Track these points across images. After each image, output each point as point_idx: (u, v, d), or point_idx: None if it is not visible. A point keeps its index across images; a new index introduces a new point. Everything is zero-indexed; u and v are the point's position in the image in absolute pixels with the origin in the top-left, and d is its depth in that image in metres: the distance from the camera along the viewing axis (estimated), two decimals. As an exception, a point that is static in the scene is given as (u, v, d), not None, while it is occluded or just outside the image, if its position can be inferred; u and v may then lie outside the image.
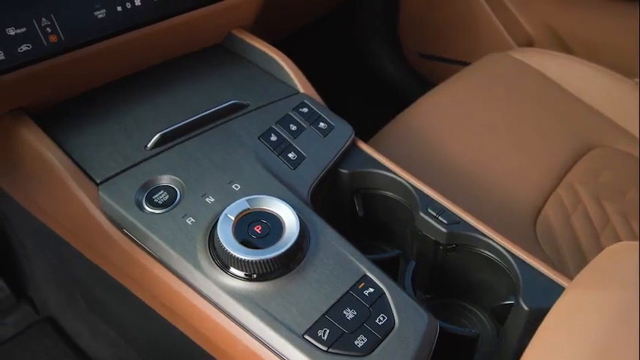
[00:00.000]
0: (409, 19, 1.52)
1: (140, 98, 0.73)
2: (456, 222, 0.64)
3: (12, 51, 0.61)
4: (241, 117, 0.70)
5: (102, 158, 0.65)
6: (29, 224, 0.85)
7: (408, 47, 1.56)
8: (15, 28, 0.61)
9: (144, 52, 0.74)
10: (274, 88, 0.76)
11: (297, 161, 0.66)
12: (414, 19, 1.52)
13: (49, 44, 0.64)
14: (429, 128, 0.96)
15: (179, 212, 0.59)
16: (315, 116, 0.72)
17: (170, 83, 0.75)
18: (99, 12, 0.66)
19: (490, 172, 0.91)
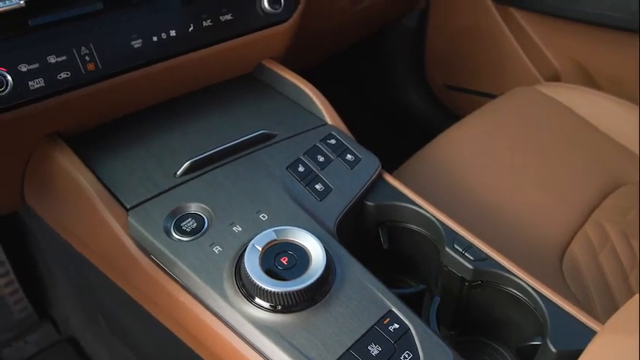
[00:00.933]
0: (435, 51, 1.53)
1: (171, 126, 0.74)
2: (482, 259, 0.64)
3: (52, 78, 0.63)
4: (270, 147, 0.71)
5: (132, 184, 0.66)
6: (56, 244, 0.86)
7: (433, 78, 1.57)
8: (56, 57, 0.63)
9: (176, 80, 0.76)
10: (303, 119, 0.77)
11: (324, 193, 0.66)
12: (440, 50, 1.53)
13: (87, 72, 0.66)
14: (455, 161, 0.96)
15: (206, 240, 0.60)
16: (343, 148, 0.72)
17: (201, 111, 0.76)
18: (135, 42, 0.68)
19: (516, 207, 0.90)
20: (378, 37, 1.53)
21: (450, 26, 1.48)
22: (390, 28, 1.52)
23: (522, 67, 1.38)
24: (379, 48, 1.58)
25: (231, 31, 0.75)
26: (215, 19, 0.73)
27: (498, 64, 1.42)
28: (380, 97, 1.67)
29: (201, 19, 0.72)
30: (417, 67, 1.57)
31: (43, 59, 0.63)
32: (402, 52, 1.57)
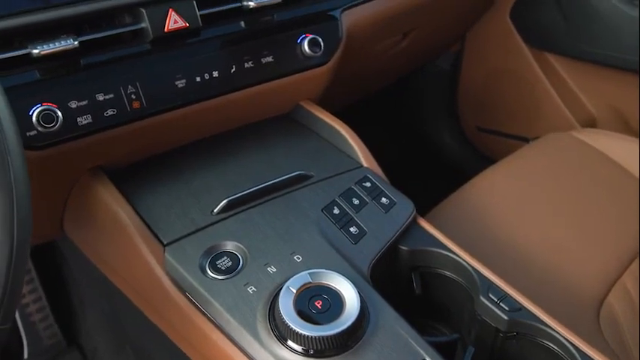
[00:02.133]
0: (468, 93, 1.54)
1: (209, 163, 0.76)
2: (517, 309, 0.63)
3: (99, 115, 0.66)
4: (305, 188, 0.72)
5: (170, 220, 0.67)
6: (90, 274, 0.87)
7: (465, 120, 1.57)
8: (104, 94, 0.66)
9: (216, 119, 0.78)
10: (338, 161, 0.77)
11: (358, 236, 0.66)
12: (473, 92, 1.53)
13: (132, 110, 0.68)
14: (489, 205, 0.95)
15: (241, 280, 0.60)
16: (378, 191, 0.72)
17: (238, 150, 0.78)
18: (179, 82, 0.70)
19: (551, 255, 0.89)
20: (411, 78, 1.55)
21: (484, 69, 1.49)
22: (423, 69, 1.53)
23: (557, 111, 1.37)
24: (412, 89, 1.59)
25: (272, 72, 0.77)
26: (257, 61, 0.75)
27: (532, 108, 1.42)
28: (412, 137, 1.68)
29: (243, 60, 0.74)
30: (449, 108, 1.57)
31: (91, 97, 0.65)
32: (434, 94, 1.58)
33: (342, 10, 0.83)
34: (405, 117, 1.68)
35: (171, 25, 0.69)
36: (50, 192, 0.72)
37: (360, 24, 0.87)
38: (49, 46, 0.62)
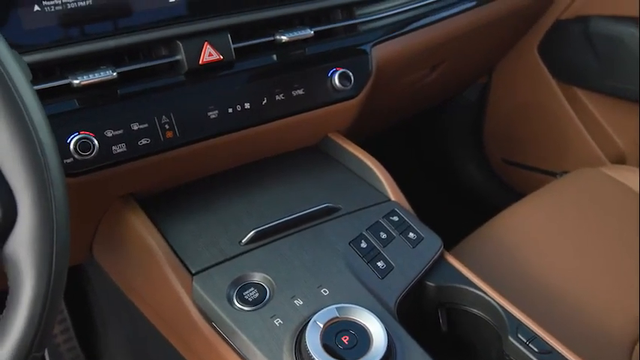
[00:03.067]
0: (494, 125, 1.54)
1: (238, 193, 0.76)
2: (547, 351, 0.62)
3: (133, 144, 0.67)
4: (333, 220, 0.72)
5: (199, 248, 0.68)
6: (115, 298, 0.88)
7: (492, 152, 1.56)
8: (139, 124, 0.67)
9: (246, 149, 0.79)
10: (366, 194, 0.78)
11: (385, 270, 0.66)
12: (500, 124, 1.53)
13: (165, 139, 0.69)
14: (518, 241, 0.94)
15: (268, 312, 0.60)
16: (405, 226, 0.72)
17: (267, 181, 0.79)
18: (212, 113, 0.72)
19: (581, 295, 0.87)
20: (437, 109, 1.55)
21: (511, 102, 1.49)
22: (449, 100, 1.54)
23: (586, 146, 1.36)
24: (438, 119, 1.60)
25: (302, 105, 0.78)
26: (288, 93, 0.76)
27: (560, 142, 1.41)
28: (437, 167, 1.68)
29: (275, 93, 0.75)
30: (475, 140, 1.57)
31: (127, 126, 0.67)
32: (460, 125, 1.58)
33: (373, 45, 0.84)
34: (430, 147, 1.68)
35: (206, 57, 0.71)
36: (83, 218, 0.73)
37: (390, 58, 0.88)
38: (88, 77, 0.64)
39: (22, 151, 0.39)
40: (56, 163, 0.42)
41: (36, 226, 0.40)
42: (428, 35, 0.94)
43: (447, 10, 0.97)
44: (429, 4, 0.93)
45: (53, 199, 0.41)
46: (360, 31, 0.84)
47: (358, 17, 0.84)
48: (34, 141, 0.40)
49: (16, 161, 0.39)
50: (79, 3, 0.65)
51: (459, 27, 1.00)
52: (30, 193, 0.40)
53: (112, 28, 0.67)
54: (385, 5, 0.88)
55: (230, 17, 0.73)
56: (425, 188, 1.66)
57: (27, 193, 0.40)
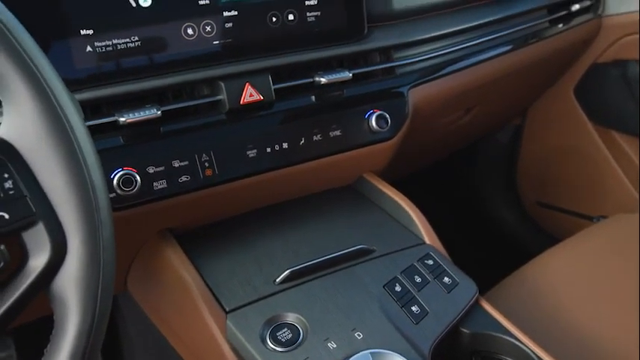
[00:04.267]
0: (528, 167, 1.52)
1: (273, 231, 0.77)
2: (586, 406, 0.60)
3: (173, 180, 0.69)
4: (367, 262, 0.72)
5: (233, 286, 0.68)
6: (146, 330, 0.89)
7: (525, 194, 1.54)
8: (180, 161, 0.69)
9: (282, 188, 0.80)
10: (401, 236, 0.77)
11: (420, 315, 0.66)
12: (534, 166, 1.51)
13: (205, 177, 0.71)
14: (554, 288, 0.92)
15: (301, 354, 0.60)
16: (440, 270, 0.72)
17: (301, 220, 0.79)
18: (251, 152, 0.73)
19: (619, 344, 0.84)
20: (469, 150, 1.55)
21: (546, 144, 1.47)
22: (482, 141, 1.53)
23: (623, 191, 1.34)
24: (470, 160, 1.59)
25: (339, 146, 0.79)
26: (325, 134, 0.77)
27: (597, 185, 1.39)
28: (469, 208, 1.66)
29: (313, 133, 0.76)
30: (508, 181, 1.56)
31: (168, 163, 0.68)
32: (493, 166, 1.57)
33: (410, 88, 0.85)
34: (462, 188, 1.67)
35: (247, 98, 0.72)
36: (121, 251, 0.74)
37: (426, 101, 0.88)
38: (134, 115, 0.66)
39: (75, 192, 0.41)
40: (106, 203, 0.43)
41: (84, 265, 0.41)
42: (464, 79, 0.95)
43: (482, 54, 0.97)
44: (465, 48, 0.94)
45: (101, 238, 0.42)
46: (397, 74, 0.85)
47: (396, 60, 0.85)
48: (87, 182, 0.41)
49: (70, 201, 0.41)
50: (128, 44, 0.67)
51: (495, 71, 1.01)
52: (80, 233, 0.41)
53: (158, 67, 0.69)
54: (422, 49, 0.89)
55: (271, 59, 0.75)
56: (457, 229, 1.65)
57: (77, 232, 0.41)
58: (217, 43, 0.71)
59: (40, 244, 0.41)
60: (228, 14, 0.71)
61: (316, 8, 0.76)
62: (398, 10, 0.86)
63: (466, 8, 0.96)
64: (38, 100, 0.40)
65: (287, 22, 0.75)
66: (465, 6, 0.95)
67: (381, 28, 0.84)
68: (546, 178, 1.50)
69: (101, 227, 0.42)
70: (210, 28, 0.71)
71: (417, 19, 0.89)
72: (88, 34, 0.65)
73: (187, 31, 0.69)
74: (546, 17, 1.09)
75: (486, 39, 0.97)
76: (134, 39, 0.67)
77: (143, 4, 0.67)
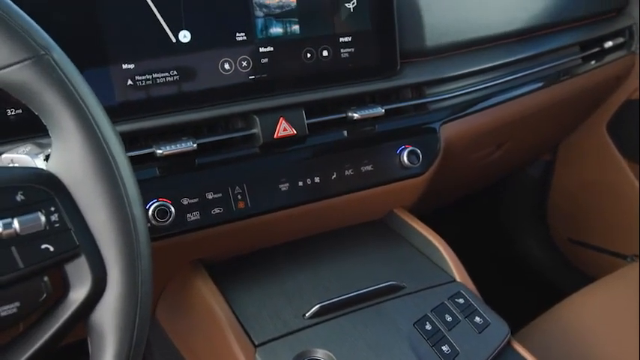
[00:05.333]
0: (559, 202, 1.50)
1: (303, 264, 0.77)
2: None
3: (206, 212, 0.70)
4: (397, 299, 0.71)
5: (262, 320, 0.68)
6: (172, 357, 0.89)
7: (556, 231, 1.52)
8: (213, 193, 0.70)
9: (313, 222, 0.80)
10: (431, 273, 0.77)
11: (450, 355, 0.65)
12: (565, 202, 1.49)
13: (237, 209, 0.71)
14: (587, 329, 0.90)
15: (329, 392, 0.59)
16: (472, 309, 0.71)
17: (331, 254, 0.79)
18: (283, 185, 0.74)
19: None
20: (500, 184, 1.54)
21: (578, 179, 1.45)
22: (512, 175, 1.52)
23: (659, 229, 1.31)
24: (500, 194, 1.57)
25: (370, 181, 0.79)
26: (357, 169, 0.78)
27: (630, 223, 1.36)
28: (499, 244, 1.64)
29: (344, 168, 0.77)
30: (539, 217, 1.54)
31: (202, 195, 0.69)
32: (524, 201, 1.55)
33: (442, 124, 0.86)
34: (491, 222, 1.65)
35: (281, 132, 0.73)
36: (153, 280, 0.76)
37: (458, 137, 0.88)
38: (171, 147, 0.67)
39: (117, 225, 0.42)
40: (145, 236, 0.44)
41: (122, 297, 0.42)
42: (495, 115, 0.95)
43: (514, 91, 0.97)
44: (497, 84, 0.95)
45: (140, 271, 0.43)
46: (429, 110, 0.86)
47: (428, 96, 0.86)
48: (129, 216, 0.42)
49: (111, 235, 0.42)
50: (167, 78, 0.69)
51: (527, 107, 1.01)
52: (120, 266, 0.42)
53: (195, 101, 0.71)
54: (454, 85, 0.89)
55: (305, 94, 0.76)
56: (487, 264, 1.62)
57: (117, 265, 0.42)
58: (253, 77, 0.73)
59: (82, 276, 0.42)
60: (264, 50, 0.73)
61: (350, 45, 0.78)
62: (430, 47, 0.86)
63: (498, 45, 0.96)
64: (86, 137, 0.41)
65: (321, 58, 0.76)
66: (497, 43, 0.96)
67: (413, 64, 0.85)
68: (578, 214, 1.47)
69: (140, 260, 0.43)
70: (247, 63, 0.72)
71: (449, 55, 0.89)
72: (129, 68, 0.67)
73: (224, 65, 0.71)
74: (579, 54, 1.09)
75: (518, 76, 0.97)
76: (173, 73, 0.69)
77: (183, 39, 0.69)
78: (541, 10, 1.01)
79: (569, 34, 1.07)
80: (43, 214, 0.41)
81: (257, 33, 0.72)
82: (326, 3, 0.75)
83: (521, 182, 1.53)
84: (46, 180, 0.42)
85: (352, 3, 0.77)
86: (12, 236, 0.39)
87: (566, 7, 1.05)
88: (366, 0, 0.77)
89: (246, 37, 0.71)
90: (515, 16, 0.97)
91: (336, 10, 0.76)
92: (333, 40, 0.76)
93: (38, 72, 0.40)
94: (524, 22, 0.98)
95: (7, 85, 0.41)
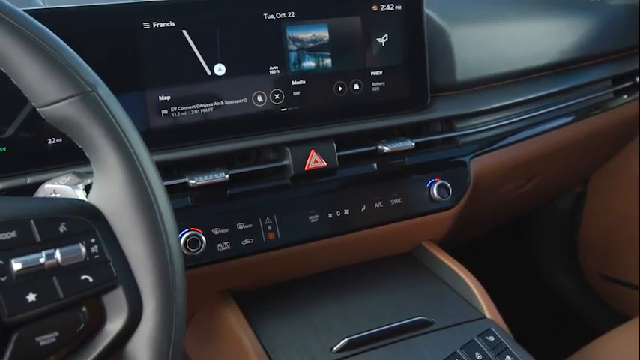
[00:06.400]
0: (591, 236, 1.47)
1: (330, 297, 0.77)
2: None
3: (237, 242, 0.70)
4: (426, 335, 0.71)
5: (290, 352, 0.68)
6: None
7: (587, 265, 1.48)
8: (244, 224, 0.71)
9: (342, 254, 0.80)
10: (460, 309, 0.76)
11: (481, 395, 0.64)
12: (597, 236, 1.46)
13: (267, 240, 0.72)
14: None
15: None
16: (502, 347, 0.70)
17: (360, 286, 0.79)
18: (313, 217, 0.74)
19: None
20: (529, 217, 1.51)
21: (609, 212, 1.42)
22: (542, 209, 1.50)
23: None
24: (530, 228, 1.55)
25: (400, 214, 0.79)
26: (386, 202, 0.78)
27: (666, 259, 1.32)
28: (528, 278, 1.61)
29: (374, 201, 0.77)
30: (569, 251, 1.51)
31: (233, 225, 0.70)
32: (553, 235, 1.52)
33: (472, 157, 0.85)
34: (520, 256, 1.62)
35: (312, 164, 0.74)
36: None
37: (488, 171, 0.88)
38: (204, 178, 0.69)
39: (154, 258, 0.43)
40: (181, 268, 0.45)
41: (157, 328, 0.42)
42: (526, 149, 0.95)
43: (544, 125, 0.97)
44: (527, 118, 0.94)
45: (175, 303, 0.43)
46: (459, 144, 0.86)
47: (458, 130, 0.86)
48: (165, 248, 0.43)
49: (148, 267, 0.42)
50: (201, 109, 0.71)
51: (557, 141, 1.00)
52: (156, 298, 0.43)
53: (228, 132, 0.72)
54: (484, 119, 0.89)
55: (336, 126, 0.77)
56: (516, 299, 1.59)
57: (154, 297, 0.43)
58: (285, 110, 0.74)
59: (119, 307, 0.42)
60: (296, 83, 0.74)
61: (381, 78, 0.79)
62: (461, 80, 0.87)
63: (529, 79, 0.96)
64: (127, 171, 0.42)
65: (352, 91, 0.77)
66: (528, 77, 0.96)
67: (443, 97, 0.85)
68: (609, 248, 1.44)
69: (175, 292, 0.43)
70: (279, 95, 0.73)
71: (479, 89, 0.90)
72: (166, 99, 0.68)
73: (257, 98, 0.73)
74: (610, 88, 1.08)
75: (549, 110, 0.97)
76: (207, 104, 0.70)
77: (217, 72, 0.71)
78: (572, 43, 1.01)
79: (601, 68, 1.06)
80: (84, 245, 0.42)
81: (290, 66, 0.73)
82: (358, 37, 0.76)
83: (550, 215, 1.50)
84: (88, 212, 0.43)
85: (384, 37, 0.78)
86: (54, 266, 0.40)
87: (598, 41, 1.04)
88: (398, 35, 0.79)
89: (279, 70, 0.73)
90: (546, 49, 0.97)
91: (367, 44, 0.77)
92: (364, 74, 0.77)
93: (85, 108, 0.42)
94: (555, 55, 0.98)
95: (54, 119, 0.43)
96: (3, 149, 0.62)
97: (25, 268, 0.39)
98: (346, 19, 0.75)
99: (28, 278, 0.39)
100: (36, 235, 0.40)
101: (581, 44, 1.02)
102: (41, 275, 0.40)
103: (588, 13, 1.06)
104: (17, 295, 0.39)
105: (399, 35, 0.78)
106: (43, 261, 0.40)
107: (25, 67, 0.41)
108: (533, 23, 0.98)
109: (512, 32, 0.95)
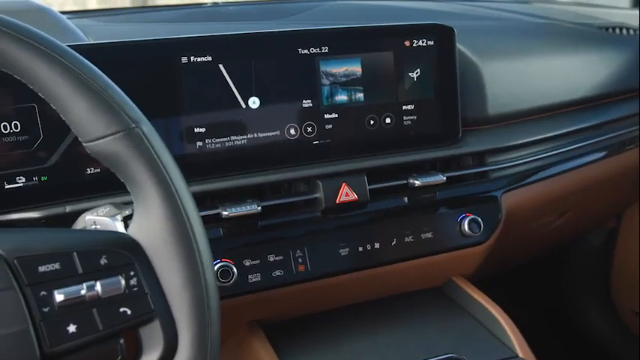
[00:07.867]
0: (624, 273, 1.43)
1: (360, 330, 0.77)
2: None
3: (267, 274, 0.71)
4: (458, 373, 0.70)
5: (318, 386, 0.68)
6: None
7: (621, 303, 1.44)
8: (275, 256, 0.71)
9: (372, 287, 0.80)
10: (491, 347, 0.75)
11: None
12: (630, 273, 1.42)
13: (297, 272, 0.72)
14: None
15: None
16: (535, 387, 0.68)
17: (389, 320, 0.78)
18: (343, 250, 0.74)
19: None
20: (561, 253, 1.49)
21: (643, 248, 1.39)
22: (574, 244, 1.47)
23: None
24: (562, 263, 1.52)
25: (430, 248, 0.78)
26: (417, 236, 0.77)
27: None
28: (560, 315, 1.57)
29: (404, 235, 0.77)
30: (602, 288, 1.47)
31: (264, 257, 0.71)
32: (586, 271, 1.49)
33: (503, 192, 0.85)
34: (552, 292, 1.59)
35: (343, 197, 0.74)
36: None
37: (519, 206, 0.87)
38: (236, 209, 0.69)
39: (191, 291, 0.43)
40: (216, 302, 0.45)
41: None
42: (557, 184, 0.94)
43: (577, 160, 0.96)
44: (559, 153, 0.93)
45: (210, 337, 0.44)
46: (490, 178, 0.85)
47: (489, 165, 0.86)
48: (202, 282, 0.44)
49: (185, 300, 0.43)
50: (235, 142, 0.72)
51: (589, 177, 0.99)
52: (192, 331, 0.43)
53: (261, 165, 0.73)
54: (516, 154, 0.89)
55: (367, 160, 0.77)
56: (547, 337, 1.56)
57: (189, 330, 0.43)
58: (317, 143, 0.75)
59: (155, 339, 0.43)
60: (329, 116, 0.75)
61: (413, 112, 0.79)
62: (492, 115, 0.87)
63: (561, 113, 0.95)
64: (167, 206, 0.43)
65: (384, 125, 0.78)
66: (560, 111, 0.95)
67: (475, 132, 0.85)
68: (643, 285, 1.40)
69: (210, 326, 0.44)
70: (312, 129, 0.74)
71: (511, 123, 0.89)
72: (201, 132, 0.70)
73: (290, 131, 0.74)
74: (642, 124, 1.06)
75: (581, 145, 0.96)
76: (241, 137, 0.71)
77: (252, 105, 0.72)
78: (604, 78, 1.00)
79: (632, 103, 1.05)
80: (124, 278, 0.42)
81: (323, 100, 0.74)
82: (390, 72, 0.77)
83: (583, 251, 1.47)
84: (128, 245, 0.44)
85: (416, 72, 0.79)
86: (94, 298, 0.41)
87: (629, 76, 1.04)
88: (430, 69, 0.79)
89: (312, 104, 0.74)
90: (579, 84, 0.96)
91: (399, 78, 0.78)
92: (396, 108, 0.78)
93: (128, 144, 0.43)
94: (588, 90, 0.97)
95: (99, 154, 0.44)
96: (45, 178, 0.63)
97: (67, 299, 0.40)
98: (379, 54, 0.76)
99: (69, 310, 0.40)
100: (78, 267, 0.41)
101: (612, 79, 1.01)
102: (82, 307, 0.41)
103: (620, 47, 1.05)
104: (58, 326, 0.40)
105: (431, 70, 0.79)
106: (84, 293, 0.41)
107: (74, 104, 0.43)
108: (565, 58, 0.98)
109: (544, 67, 0.95)
